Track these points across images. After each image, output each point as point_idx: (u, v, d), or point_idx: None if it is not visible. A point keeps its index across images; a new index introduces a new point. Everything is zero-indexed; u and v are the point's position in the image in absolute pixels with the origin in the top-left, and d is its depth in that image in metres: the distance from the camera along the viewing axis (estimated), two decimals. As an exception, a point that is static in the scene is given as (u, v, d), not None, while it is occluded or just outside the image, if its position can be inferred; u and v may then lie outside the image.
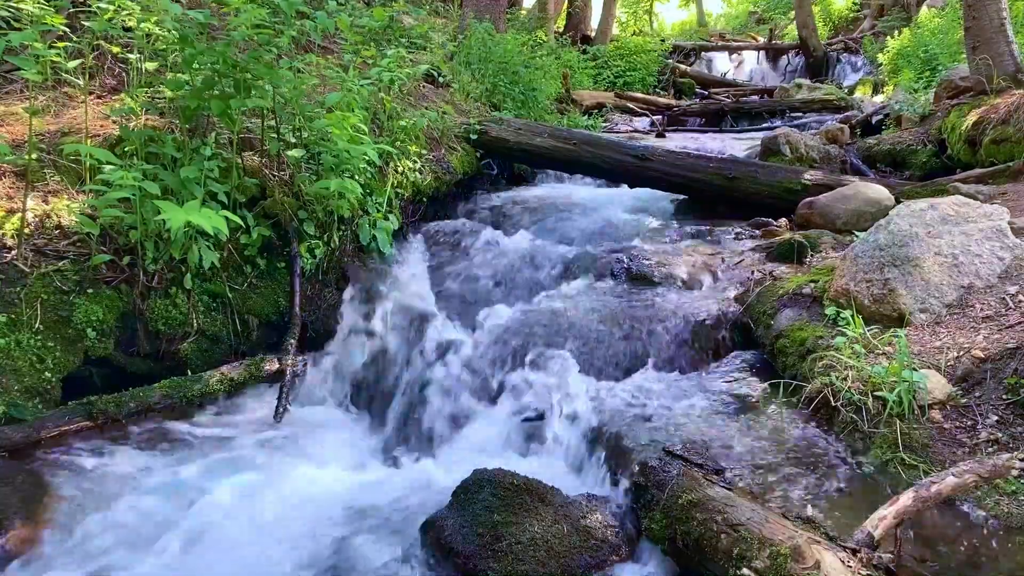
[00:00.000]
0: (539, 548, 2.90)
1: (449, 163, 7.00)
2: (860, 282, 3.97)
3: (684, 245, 5.88)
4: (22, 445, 3.52)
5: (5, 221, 3.99)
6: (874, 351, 3.55)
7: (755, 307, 4.47)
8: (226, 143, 4.77)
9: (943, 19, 14.37)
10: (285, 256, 4.91)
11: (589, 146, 7.48)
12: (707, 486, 2.89)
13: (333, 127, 4.90)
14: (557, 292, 5.21)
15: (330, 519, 3.31)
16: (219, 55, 4.36)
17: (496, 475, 3.13)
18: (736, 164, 7.06)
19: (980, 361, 3.31)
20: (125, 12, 4.33)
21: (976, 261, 3.90)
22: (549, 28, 17.47)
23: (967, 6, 7.34)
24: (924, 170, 7.39)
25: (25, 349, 3.79)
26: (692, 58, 22.99)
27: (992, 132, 6.41)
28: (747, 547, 2.55)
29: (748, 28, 30.58)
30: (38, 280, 3.93)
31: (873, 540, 2.52)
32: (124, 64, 5.04)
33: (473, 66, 10.06)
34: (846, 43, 21.46)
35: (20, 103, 4.70)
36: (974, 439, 2.98)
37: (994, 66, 7.01)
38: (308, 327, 4.89)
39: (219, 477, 3.66)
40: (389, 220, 5.60)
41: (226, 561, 3.08)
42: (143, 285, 4.27)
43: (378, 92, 5.98)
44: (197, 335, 4.47)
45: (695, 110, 14.83)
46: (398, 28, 8.89)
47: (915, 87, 10.63)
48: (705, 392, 3.90)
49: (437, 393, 4.42)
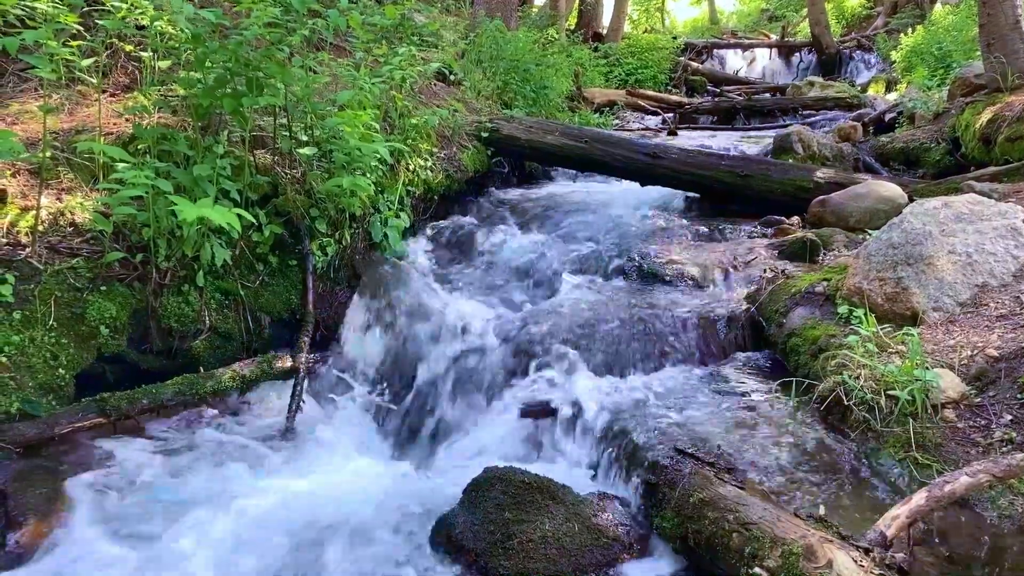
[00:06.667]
0: (550, 546, 2.90)
1: (460, 161, 7.00)
2: (873, 280, 3.95)
3: (696, 243, 5.87)
4: (36, 441, 3.54)
5: (20, 219, 4.01)
6: (887, 350, 3.53)
7: (767, 305, 4.45)
8: (238, 141, 4.78)
9: (957, 16, 14.25)
10: (297, 254, 4.92)
11: (600, 144, 7.46)
12: (719, 485, 2.89)
13: (345, 125, 4.91)
14: (568, 290, 5.21)
15: (341, 516, 3.31)
16: (231, 53, 4.37)
17: (507, 473, 3.13)
18: (748, 162, 7.03)
19: (994, 360, 3.29)
20: (138, 11, 4.34)
21: (990, 260, 3.87)
22: (560, 26, 17.42)
23: (981, 3, 7.27)
24: (938, 168, 7.33)
25: (39, 346, 3.81)
26: (704, 56, 22.88)
27: (1007, 130, 6.35)
28: (759, 546, 2.54)
29: (760, 25, 30.43)
30: (52, 277, 3.95)
31: (886, 540, 2.50)
32: (137, 62, 5.06)
33: (484, 64, 10.05)
34: (859, 40, 21.31)
35: (35, 101, 4.73)
36: (988, 438, 2.96)
37: (1008, 63, 6.94)
38: (320, 324, 4.90)
39: (233, 475, 3.68)
40: (400, 218, 5.61)
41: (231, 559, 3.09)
42: (156, 282, 4.29)
43: (389, 90, 5.99)
44: (209, 332, 4.49)
45: (707, 108, 14.76)
46: (409, 26, 8.89)
47: (929, 85, 10.54)
48: (716, 390, 3.89)
49: (448, 390, 4.43)
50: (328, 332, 4.99)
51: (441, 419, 4.33)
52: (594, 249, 5.82)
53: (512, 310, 4.97)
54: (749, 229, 6.12)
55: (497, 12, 11.63)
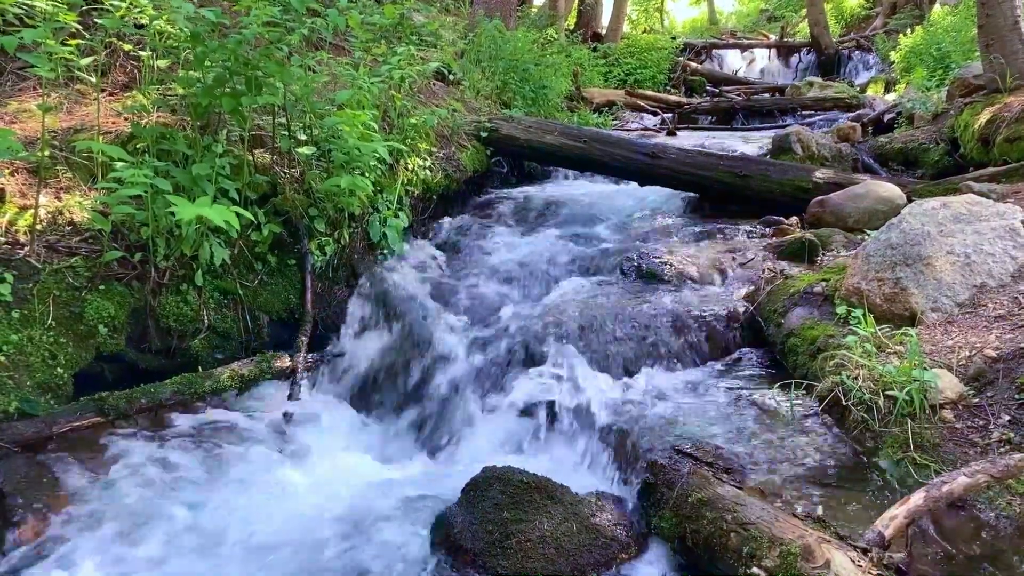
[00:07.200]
0: (548, 546, 2.90)
1: (459, 161, 7.00)
2: (871, 281, 3.95)
3: (694, 243, 5.87)
4: (34, 440, 3.53)
5: (18, 217, 4.01)
6: (885, 350, 3.53)
7: (766, 305, 4.45)
8: (237, 140, 4.78)
9: (956, 16, 14.26)
10: (296, 253, 4.92)
11: (599, 144, 7.46)
12: (717, 485, 2.89)
13: (344, 124, 4.91)
14: (566, 290, 5.20)
15: (338, 518, 3.31)
16: (230, 53, 4.37)
17: (505, 472, 3.13)
18: (747, 162, 7.03)
19: (992, 360, 3.29)
20: (137, 9, 4.34)
21: (989, 260, 3.87)
22: (560, 26, 17.44)
23: (980, 4, 7.28)
24: (936, 168, 7.33)
25: (37, 345, 3.81)
26: (703, 56, 22.90)
27: (1005, 130, 6.36)
28: (757, 546, 2.55)
29: (759, 26, 30.46)
30: (50, 276, 3.95)
31: (884, 540, 2.50)
32: (136, 61, 5.05)
33: (483, 64, 10.05)
34: (858, 41, 21.33)
35: (33, 100, 4.72)
36: (986, 439, 2.96)
37: (1008, 64, 6.94)
38: (319, 324, 4.91)
39: (231, 473, 3.68)
40: (399, 217, 5.61)
41: (227, 558, 3.09)
42: (154, 281, 4.29)
43: (388, 89, 5.99)
44: (208, 332, 4.49)
45: (706, 108, 14.78)
46: (408, 25, 8.90)
47: (928, 85, 10.55)
48: (715, 390, 3.89)
49: (446, 390, 4.43)
50: (327, 331, 4.99)
51: (439, 418, 4.32)
52: (593, 249, 5.82)
53: (510, 309, 4.96)
54: (748, 229, 6.12)
55: (496, 12, 11.63)
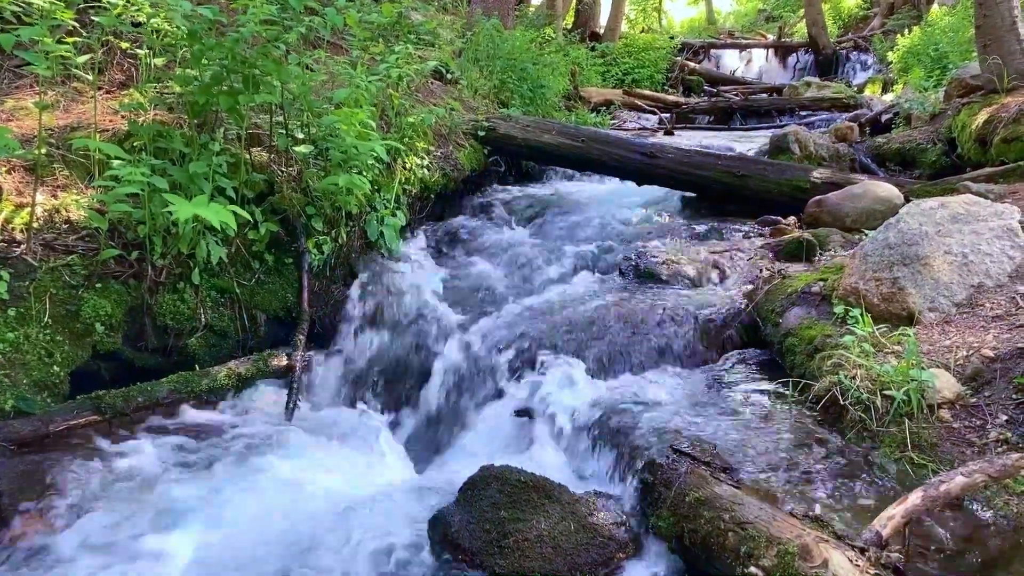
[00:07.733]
0: (545, 545, 2.90)
1: (457, 160, 6.99)
2: (869, 280, 3.95)
3: (692, 243, 5.87)
4: (30, 439, 3.53)
5: (15, 215, 4.00)
6: (883, 350, 3.53)
7: (763, 305, 4.45)
8: (234, 138, 4.77)
9: (954, 17, 14.28)
10: (293, 252, 4.91)
11: (597, 143, 7.46)
12: (714, 484, 2.89)
13: (341, 123, 4.90)
14: (564, 289, 5.21)
15: (334, 516, 3.30)
16: (228, 51, 4.36)
17: (503, 472, 3.12)
18: (745, 162, 7.04)
19: (990, 360, 3.29)
20: (134, 8, 4.33)
21: (986, 260, 3.87)
22: (557, 25, 17.45)
23: (978, 4, 7.29)
24: (934, 169, 7.34)
25: (34, 343, 3.80)
26: (701, 56, 22.92)
27: (1003, 131, 6.37)
28: (754, 545, 2.54)
29: (757, 26, 30.48)
30: (47, 274, 3.94)
31: (881, 539, 2.50)
32: (133, 59, 5.05)
33: (481, 63, 10.05)
34: (856, 41, 21.36)
35: (30, 98, 4.71)
36: (984, 439, 2.97)
37: (1005, 64, 6.95)
38: (316, 323, 4.90)
39: (228, 471, 3.66)
40: (397, 216, 5.61)
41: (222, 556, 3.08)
42: (151, 280, 4.28)
43: (386, 88, 5.98)
44: (205, 330, 4.48)
45: (704, 108, 14.79)
46: (406, 24, 8.89)
47: (925, 85, 10.56)
48: (712, 390, 3.89)
49: (443, 389, 4.42)
50: (324, 330, 4.99)
51: (436, 417, 4.32)
52: (591, 248, 5.82)
53: (508, 309, 4.96)
54: (746, 229, 6.13)
55: (494, 11, 11.62)
